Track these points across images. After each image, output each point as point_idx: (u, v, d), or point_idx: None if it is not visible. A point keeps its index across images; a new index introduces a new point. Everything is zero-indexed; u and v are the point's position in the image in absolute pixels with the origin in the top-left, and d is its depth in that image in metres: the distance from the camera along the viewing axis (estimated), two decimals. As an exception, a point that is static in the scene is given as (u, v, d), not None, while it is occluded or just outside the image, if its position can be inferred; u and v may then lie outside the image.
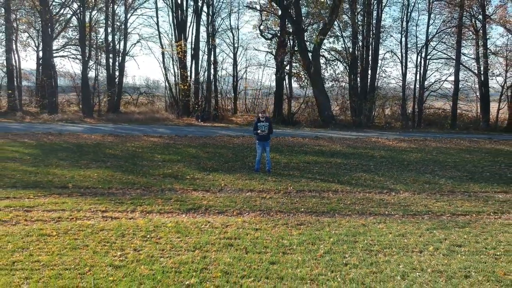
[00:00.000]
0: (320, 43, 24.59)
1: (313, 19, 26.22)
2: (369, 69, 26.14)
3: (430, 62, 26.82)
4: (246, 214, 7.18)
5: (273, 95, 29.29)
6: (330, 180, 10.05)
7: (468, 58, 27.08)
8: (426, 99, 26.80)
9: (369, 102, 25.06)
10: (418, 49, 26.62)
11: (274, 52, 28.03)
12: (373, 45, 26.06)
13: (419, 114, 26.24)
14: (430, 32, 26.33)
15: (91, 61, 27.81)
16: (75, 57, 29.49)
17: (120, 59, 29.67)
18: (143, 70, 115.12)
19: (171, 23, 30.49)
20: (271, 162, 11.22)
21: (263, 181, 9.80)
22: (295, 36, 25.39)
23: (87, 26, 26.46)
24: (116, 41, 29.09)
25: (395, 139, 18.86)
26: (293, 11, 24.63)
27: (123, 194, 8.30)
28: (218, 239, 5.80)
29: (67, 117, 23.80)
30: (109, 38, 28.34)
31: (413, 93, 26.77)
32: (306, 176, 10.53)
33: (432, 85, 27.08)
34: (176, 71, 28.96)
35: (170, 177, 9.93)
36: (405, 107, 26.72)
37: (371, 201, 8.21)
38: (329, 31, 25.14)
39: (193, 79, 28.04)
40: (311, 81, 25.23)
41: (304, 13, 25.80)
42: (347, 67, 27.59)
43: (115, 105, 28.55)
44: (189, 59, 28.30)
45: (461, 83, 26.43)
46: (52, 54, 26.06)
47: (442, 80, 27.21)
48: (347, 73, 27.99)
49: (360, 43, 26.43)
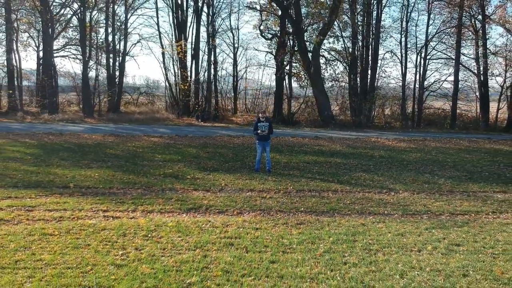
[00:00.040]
0: (320, 43, 24.62)
1: (313, 19, 26.24)
2: (369, 69, 26.17)
3: (429, 62, 26.92)
4: (246, 213, 7.23)
5: (273, 95, 29.35)
6: (329, 180, 10.10)
7: (468, 58, 27.16)
8: (425, 99, 26.84)
9: (369, 102, 25.09)
10: (418, 49, 26.68)
11: (274, 52, 28.08)
12: (373, 45, 26.09)
13: (419, 114, 26.28)
14: (430, 32, 26.43)
15: (92, 61, 27.90)
16: (76, 57, 29.61)
17: (121, 59, 29.73)
18: (143, 70, 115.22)
19: (171, 23, 30.63)
20: (271, 162, 11.27)
21: (263, 181, 9.85)
22: (295, 36, 25.43)
23: (87, 26, 26.51)
24: (116, 41, 29.21)
25: (394, 139, 18.90)
26: (293, 11, 24.66)
27: (124, 193, 8.34)
28: (219, 239, 5.85)
29: (67, 117, 23.84)
30: (110, 38, 28.46)
31: (412, 93, 26.80)
32: (306, 176, 10.58)
33: (432, 85, 27.13)
34: (176, 71, 29.02)
35: (171, 177, 9.98)
36: (404, 107, 26.76)
37: (370, 201, 8.26)
38: (329, 31, 25.18)
39: (193, 79, 28.08)
40: (311, 81, 25.26)
41: (304, 13, 25.85)
42: (347, 67, 27.63)
43: (116, 105, 28.61)
44: (189, 59, 28.41)
45: (460, 83, 26.50)
46: (52, 54, 26.11)
47: (442, 80, 27.30)
48: (347, 73, 28.04)
49: (360, 43, 26.46)
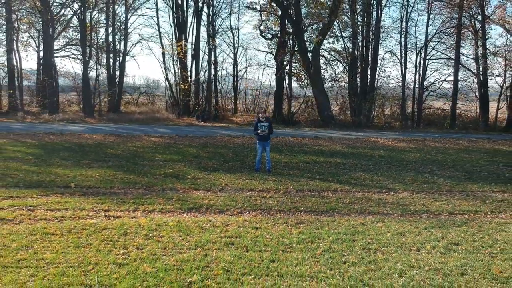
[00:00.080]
0: (320, 43, 24.66)
1: (313, 19, 26.28)
2: (368, 69, 26.21)
3: (429, 62, 26.97)
4: (246, 213, 7.28)
5: (273, 95, 29.40)
6: (329, 180, 10.14)
7: (468, 58, 27.20)
8: (425, 99, 26.88)
9: (368, 102, 25.13)
10: (418, 49, 26.73)
11: (274, 52, 28.12)
12: (373, 45, 26.13)
13: (419, 114, 26.32)
14: (430, 33, 26.47)
15: (92, 61, 27.94)
16: (76, 57, 29.67)
17: (121, 59, 29.77)
18: (143, 70, 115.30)
19: (171, 23, 30.71)
20: (271, 161, 11.32)
21: (263, 180, 9.89)
22: (295, 36, 25.47)
23: (87, 26, 26.54)
24: (116, 41, 29.26)
25: (394, 139, 18.94)
26: (293, 11, 24.70)
27: (125, 193, 8.39)
28: (219, 238, 5.90)
29: (68, 117, 23.88)
30: (110, 38, 28.51)
31: (412, 93, 26.85)
32: (306, 175, 10.62)
33: (432, 85, 27.17)
34: (176, 71, 29.04)
35: (171, 176, 10.02)
36: (404, 107, 26.81)
37: (370, 201, 8.30)
38: (329, 31, 25.22)
39: (194, 79, 28.11)
40: (311, 81, 25.30)
41: (304, 14, 25.88)
42: (347, 67, 27.66)
43: (116, 105, 28.65)
44: (189, 59, 28.45)
45: (460, 83, 26.54)
46: (53, 54, 26.15)
47: (442, 80, 27.34)
48: (346, 73, 28.07)
49: (359, 43, 26.50)
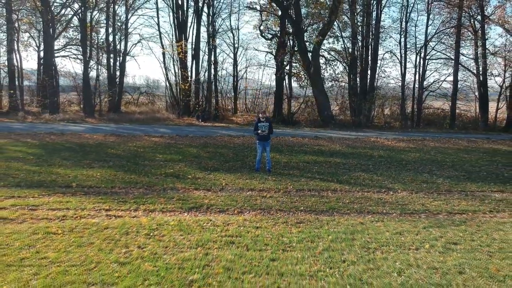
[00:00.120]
0: (320, 43, 24.72)
1: (313, 19, 26.36)
2: (368, 69, 26.28)
3: (429, 62, 27.09)
4: (246, 212, 7.32)
5: (273, 95, 29.46)
6: (329, 180, 10.19)
7: (467, 58, 27.31)
8: (425, 99, 26.96)
9: (368, 102, 25.20)
10: (417, 49, 26.82)
11: (274, 52, 28.19)
12: (373, 46, 26.20)
13: (418, 114, 26.39)
14: (429, 33, 26.60)
15: (92, 61, 28.00)
16: (76, 57, 29.77)
17: (121, 59, 29.84)
18: (143, 70, 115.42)
19: (171, 23, 30.84)
20: (271, 161, 11.36)
21: (263, 180, 9.94)
22: (295, 37, 25.53)
23: (88, 26, 26.58)
24: (117, 41, 29.34)
25: (394, 139, 19.00)
26: (293, 11, 24.76)
27: (126, 193, 8.43)
28: (220, 237, 5.95)
29: (68, 117, 23.93)
30: (110, 38, 28.59)
31: (412, 93, 26.93)
32: (306, 175, 10.67)
33: (431, 85, 27.26)
34: (176, 71, 29.11)
35: (172, 176, 10.07)
36: (404, 107, 26.88)
37: (369, 200, 8.35)
38: (329, 31, 25.28)
39: (194, 79, 28.17)
40: (311, 81, 25.36)
41: (304, 14, 25.96)
42: (347, 67, 27.74)
43: (116, 105, 28.71)
44: (189, 59, 28.52)
45: (460, 83, 26.63)
46: (53, 54, 26.20)
47: (441, 80, 27.46)
48: (346, 73, 28.15)
49: (359, 43, 26.57)
